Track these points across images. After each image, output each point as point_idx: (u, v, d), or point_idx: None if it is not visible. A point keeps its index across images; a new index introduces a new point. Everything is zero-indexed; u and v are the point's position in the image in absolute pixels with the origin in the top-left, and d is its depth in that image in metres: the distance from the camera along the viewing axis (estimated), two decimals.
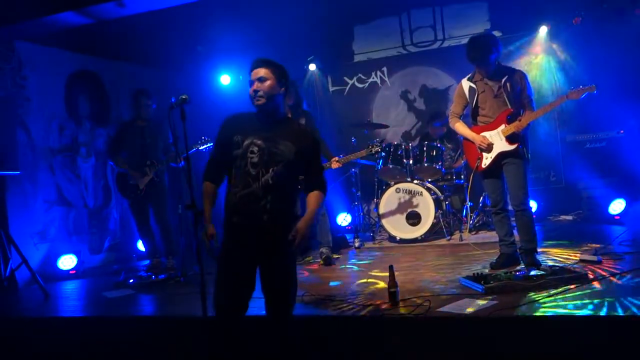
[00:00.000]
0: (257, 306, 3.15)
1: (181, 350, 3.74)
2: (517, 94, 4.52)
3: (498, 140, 4.52)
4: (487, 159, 4.58)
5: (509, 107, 4.50)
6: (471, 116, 4.72)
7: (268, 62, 3.09)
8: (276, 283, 3.06)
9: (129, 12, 5.52)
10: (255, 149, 3.00)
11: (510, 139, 4.47)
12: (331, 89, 8.50)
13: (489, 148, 4.54)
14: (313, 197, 3.10)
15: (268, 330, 3.08)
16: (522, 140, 4.52)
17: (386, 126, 7.64)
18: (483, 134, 4.58)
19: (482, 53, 4.45)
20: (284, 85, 3.12)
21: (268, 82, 3.03)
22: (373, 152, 5.73)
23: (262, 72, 3.05)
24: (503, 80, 4.51)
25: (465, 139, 4.74)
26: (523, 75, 4.57)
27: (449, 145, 6.87)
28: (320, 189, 3.13)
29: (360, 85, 8.42)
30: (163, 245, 6.01)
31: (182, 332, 3.80)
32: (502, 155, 4.53)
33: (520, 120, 4.43)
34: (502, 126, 4.50)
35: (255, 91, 3.03)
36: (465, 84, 4.69)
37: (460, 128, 4.73)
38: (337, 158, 5.59)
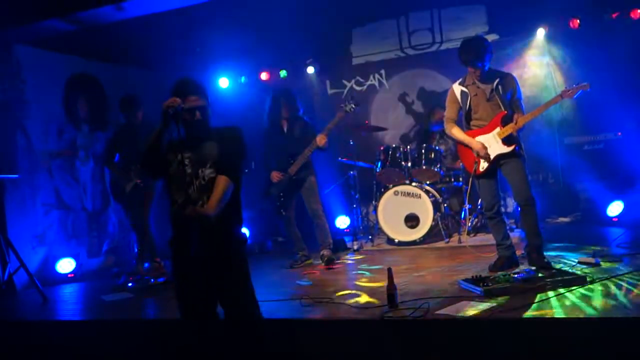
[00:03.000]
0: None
1: (179, 353, 3.74)
2: (508, 97, 4.53)
3: (494, 143, 4.52)
4: (484, 162, 4.58)
5: (503, 109, 4.50)
6: (464, 120, 4.70)
7: (199, 88, 3.20)
8: (227, 294, 3.08)
9: (128, 16, 5.53)
10: (187, 160, 3.09)
11: (506, 141, 4.48)
12: (329, 91, 8.50)
13: (487, 156, 4.54)
14: (217, 182, 3.06)
15: (231, 334, 3.10)
16: (518, 141, 4.53)
17: (384, 129, 7.64)
18: (478, 138, 4.58)
19: (476, 54, 4.43)
20: (209, 104, 3.23)
21: (205, 109, 3.16)
22: (348, 109, 5.60)
23: (200, 100, 3.14)
24: (495, 83, 4.51)
25: (461, 143, 4.74)
26: (514, 79, 4.58)
27: (449, 141, 6.86)
28: (227, 174, 3.08)
29: (358, 88, 8.43)
30: (138, 249, 5.98)
31: (180, 335, 3.80)
32: (499, 157, 4.54)
33: (516, 122, 4.43)
34: (497, 129, 4.50)
35: (193, 115, 3.10)
36: (457, 88, 4.68)
37: (457, 134, 4.70)
38: (321, 135, 5.47)
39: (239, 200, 3.19)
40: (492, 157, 4.53)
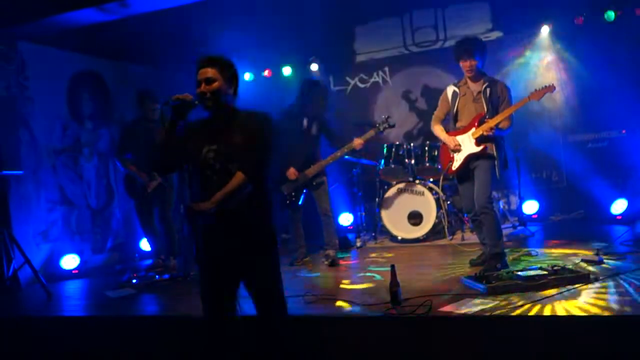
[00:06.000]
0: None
1: (183, 350, 3.75)
2: (495, 103, 4.56)
3: (468, 143, 4.59)
4: (457, 161, 4.66)
5: (485, 111, 4.54)
6: (452, 121, 4.77)
7: (216, 61, 2.93)
8: (258, 289, 2.99)
9: (132, 12, 5.53)
10: (212, 154, 2.90)
11: (478, 140, 4.52)
12: (333, 89, 8.49)
13: (458, 150, 4.61)
14: (233, 178, 2.88)
15: (259, 331, 3.04)
16: (492, 142, 4.52)
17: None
18: (456, 137, 4.65)
19: (472, 47, 4.51)
20: (233, 84, 2.99)
21: (216, 84, 2.89)
22: (382, 129, 5.55)
23: (209, 72, 2.89)
24: (484, 86, 4.57)
25: (443, 143, 4.81)
26: (505, 87, 4.62)
27: None
28: (244, 171, 2.88)
29: (362, 85, 8.42)
30: (166, 245, 6.01)
31: (184, 332, 3.82)
32: (471, 158, 4.59)
33: (487, 122, 4.47)
34: (473, 129, 4.56)
35: (203, 93, 2.89)
36: (450, 88, 4.77)
37: (438, 131, 4.80)
38: (359, 139, 5.45)
39: (266, 196, 3.00)
40: (464, 156, 4.60)
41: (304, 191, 5.61)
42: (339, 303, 3.97)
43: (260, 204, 2.98)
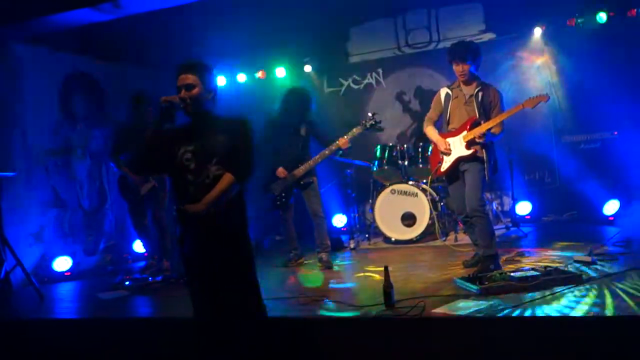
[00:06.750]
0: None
1: (177, 351, 3.74)
2: (487, 107, 4.58)
3: (458, 146, 4.60)
4: (446, 163, 4.68)
5: (476, 115, 4.55)
6: (444, 123, 4.78)
7: (195, 67, 2.99)
8: (237, 289, 3.01)
9: (125, 13, 5.52)
10: (189, 155, 2.95)
11: (469, 144, 4.53)
12: (326, 90, 8.50)
13: (449, 152, 4.63)
14: (221, 179, 2.94)
15: (239, 332, 3.05)
16: (484, 146, 4.53)
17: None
18: (447, 140, 4.67)
19: (466, 50, 4.52)
20: (213, 89, 3.05)
21: (195, 90, 2.96)
22: (368, 126, 5.50)
23: (189, 78, 2.96)
24: (477, 89, 4.58)
25: (433, 143, 4.84)
26: (497, 92, 4.62)
27: None
28: (233, 172, 2.95)
29: (355, 87, 8.43)
30: (159, 247, 5.99)
31: (177, 334, 3.80)
32: (460, 160, 4.61)
33: (480, 126, 4.48)
34: (464, 132, 4.57)
35: (183, 99, 2.94)
36: (443, 90, 4.79)
37: (430, 132, 4.81)
38: (343, 138, 5.39)
39: (243, 200, 3.07)
40: (453, 158, 4.62)
41: (294, 191, 5.60)
42: (332, 305, 3.96)
43: (240, 205, 3.05)
